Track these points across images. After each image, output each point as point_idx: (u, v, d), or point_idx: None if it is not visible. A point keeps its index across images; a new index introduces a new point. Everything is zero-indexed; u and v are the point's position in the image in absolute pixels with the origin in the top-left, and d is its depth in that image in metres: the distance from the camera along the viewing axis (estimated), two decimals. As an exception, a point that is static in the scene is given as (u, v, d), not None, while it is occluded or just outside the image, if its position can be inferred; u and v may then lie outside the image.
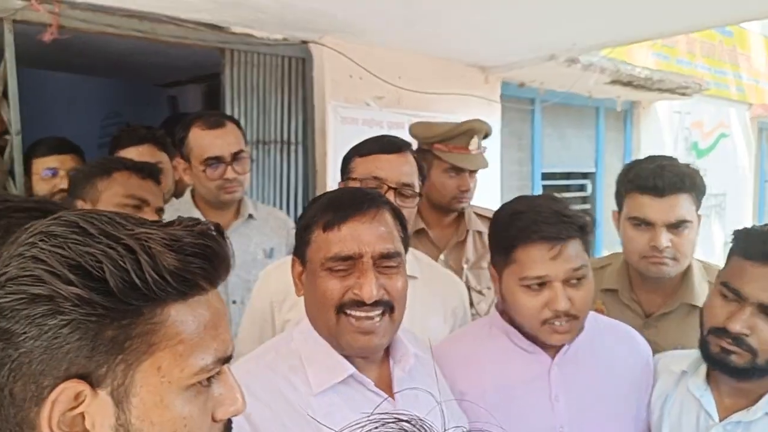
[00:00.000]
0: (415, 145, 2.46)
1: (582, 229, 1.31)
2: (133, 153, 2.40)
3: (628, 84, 4.65)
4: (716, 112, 6.95)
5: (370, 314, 1.10)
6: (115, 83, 4.97)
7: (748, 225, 1.44)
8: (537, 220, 1.29)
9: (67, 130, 3.56)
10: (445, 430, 0.52)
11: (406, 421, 0.50)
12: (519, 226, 1.31)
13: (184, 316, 0.68)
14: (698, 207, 1.75)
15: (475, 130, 2.30)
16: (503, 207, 1.41)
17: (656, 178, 1.68)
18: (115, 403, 0.65)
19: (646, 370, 1.50)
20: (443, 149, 2.31)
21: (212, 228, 0.72)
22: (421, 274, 1.72)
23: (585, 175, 5.59)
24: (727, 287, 1.33)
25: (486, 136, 2.38)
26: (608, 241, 4.89)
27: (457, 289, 1.85)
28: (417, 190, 1.76)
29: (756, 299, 1.29)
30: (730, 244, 1.39)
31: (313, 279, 1.14)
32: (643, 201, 1.71)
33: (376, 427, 0.51)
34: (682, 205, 1.69)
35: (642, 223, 1.72)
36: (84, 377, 0.64)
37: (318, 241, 1.13)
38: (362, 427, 0.53)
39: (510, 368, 1.40)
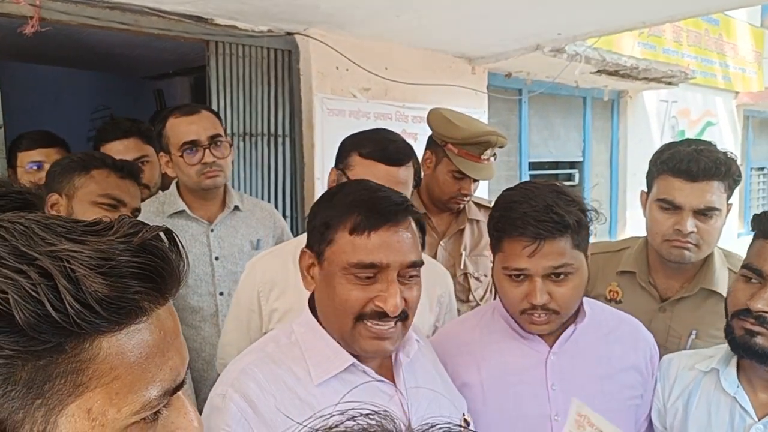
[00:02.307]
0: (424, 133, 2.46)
1: (568, 227, 1.28)
2: (119, 146, 2.40)
3: (614, 73, 4.67)
4: (703, 101, 6.99)
5: (389, 324, 1.09)
6: (103, 76, 4.94)
7: (734, 215, 1.42)
8: (525, 214, 1.28)
9: (55, 124, 3.53)
10: (409, 424, 0.51)
11: (376, 413, 0.50)
12: (508, 218, 1.31)
13: (120, 348, 0.57)
14: (730, 195, 1.72)
15: (491, 143, 2.29)
16: (504, 194, 1.40)
17: (691, 162, 1.64)
18: None
19: (651, 365, 1.48)
20: (454, 152, 2.30)
21: (159, 235, 0.60)
22: None
23: (572, 165, 5.61)
24: (748, 268, 1.31)
25: (502, 147, 2.37)
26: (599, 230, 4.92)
27: (442, 279, 1.86)
28: (409, 197, 1.74)
29: None
30: (752, 230, 1.37)
31: (330, 280, 1.11)
32: (674, 184, 1.67)
33: (352, 417, 0.51)
34: (713, 192, 1.65)
35: (670, 206, 1.69)
36: None
37: (341, 243, 1.09)
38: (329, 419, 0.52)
39: (508, 355, 1.41)
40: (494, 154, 2.39)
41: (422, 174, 2.34)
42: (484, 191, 4.27)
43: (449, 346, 1.46)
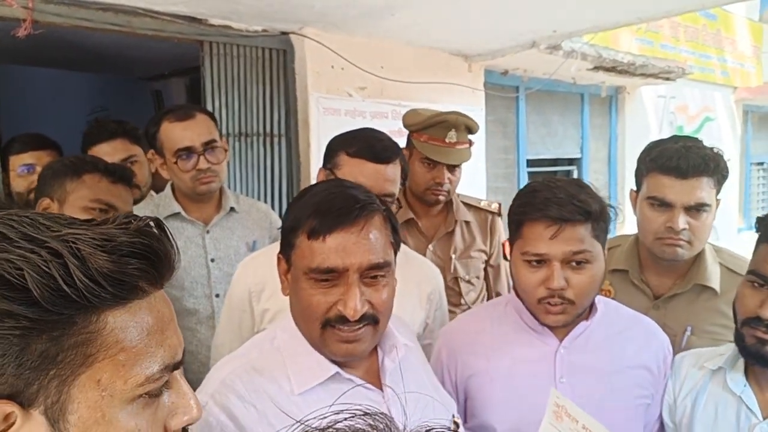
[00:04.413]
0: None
1: (590, 214, 1.30)
2: (106, 148, 2.38)
3: (611, 70, 4.66)
4: (701, 96, 6.97)
5: (354, 328, 1.07)
6: (100, 78, 4.94)
7: (734, 210, 1.40)
8: (548, 199, 1.31)
9: (52, 126, 3.52)
10: (404, 427, 0.52)
11: (369, 414, 0.50)
12: (530, 203, 1.34)
13: (124, 323, 0.63)
14: (718, 191, 1.72)
15: (450, 122, 2.27)
16: (526, 185, 1.44)
17: (680, 159, 1.64)
18: (50, 422, 0.60)
19: (663, 366, 1.49)
20: (420, 139, 2.30)
21: (151, 224, 0.67)
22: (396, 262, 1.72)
23: (571, 162, 5.60)
24: (755, 275, 1.30)
25: (470, 131, 2.34)
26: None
27: (431, 275, 1.85)
28: (397, 194, 1.75)
29: None
30: (756, 232, 1.35)
31: (296, 285, 1.10)
32: (664, 181, 1.67)
33: (345, 418, 0.51)
34: (703, 188, 1.65)
35: (661, 204, 1.68)
36: (12, 397, 0.58)
37: (302, 248, 1.08)
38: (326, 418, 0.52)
39: (518, 346, 1.43)
40: (470, 141, 2.35)
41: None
42: (482, 191, 4.25)
43: (460, 337, 1.49)
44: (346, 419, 0.52)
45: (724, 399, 1.38)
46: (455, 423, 1.24)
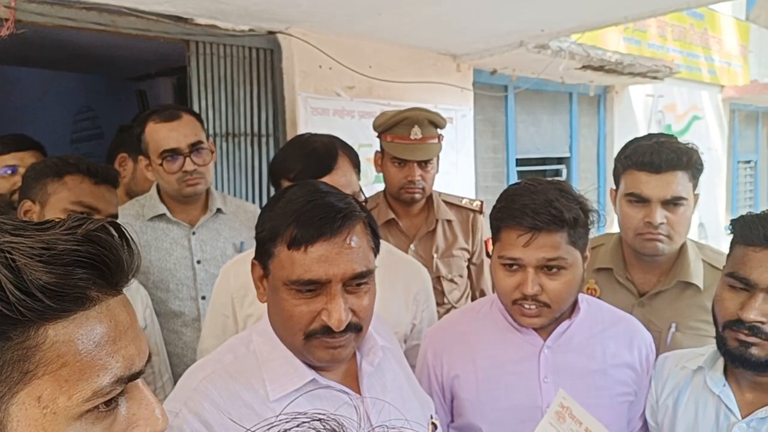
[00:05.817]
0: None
1: (564, 222, 1.31)
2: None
3: (599, 69, 4.67)
4: (689, 95, 7.01)
5: (338, 338, 1.06)
6: (87, 78, 4.90)
7: (721, 208, 1.41)
8: (525, 206, 1.31)
9: (39, 126, 3.47)
10: (359, 429, 0.51)
11: (318, 420, 0.49)
12: (508, 208, 1.35)
13: (68, 336, 0.58)
14: (695, 185, 1.75)
15: (412, 119, 2.26)
16: (509, 187, 1.45)
17: (653, 155, 1.67)
18: None
19: (646, 364, 1.50)
20: (386, 139, 2.31)
21: (107, 227, 0.62)
22: (381, 262, 1.71)
23: (560, 161, 5.61)
24: (734, 277, 1.29)
25: (436, 125, 2.34)
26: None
27: (418, 275, 1.84)
28: (360, 190, 1.69)
29: (765, 284, 1.24)
30: (729, 234, 1.35)
31: (276, 295, 1.07)
32: (640, 177, 1.70)
33: (298, 425, 0.49)
34: (678, 182, 1.68)
35: (638, 200, 1.71)
36: None
37: (281, 258, 1.04)
38: (275, 426, 0.51)
39: (503, 346, 1.44)
40: (438, 136, 2.35)
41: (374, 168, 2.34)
42: (471, 190, 4.25)
43: (445, 338, 1.50)
44: (298, 426, 0.50)
45: (704, 398, 1.39)
46: (433, 424, 1.23)
